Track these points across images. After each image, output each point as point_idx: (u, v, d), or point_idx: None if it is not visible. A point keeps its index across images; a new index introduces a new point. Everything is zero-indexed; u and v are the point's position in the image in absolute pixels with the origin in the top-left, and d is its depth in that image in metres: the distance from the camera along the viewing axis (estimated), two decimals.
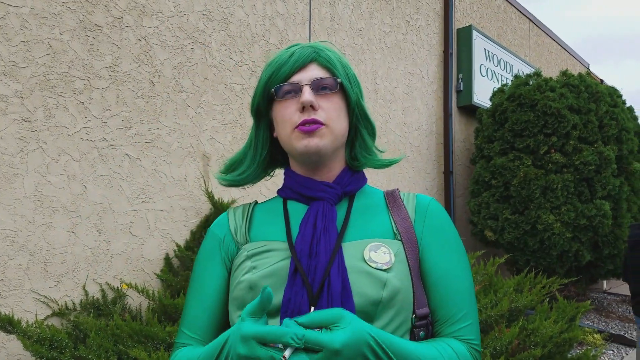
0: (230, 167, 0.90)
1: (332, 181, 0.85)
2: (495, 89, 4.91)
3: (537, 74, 4.61)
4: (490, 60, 5.44)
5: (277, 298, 0.75)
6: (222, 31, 2.92)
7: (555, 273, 4.36)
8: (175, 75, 2.65)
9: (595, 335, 3.86)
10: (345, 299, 0.73)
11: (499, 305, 2.26)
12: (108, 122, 2.36)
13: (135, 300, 2.38)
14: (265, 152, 0.89)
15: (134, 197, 2.45)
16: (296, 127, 0.79)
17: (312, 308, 0.72)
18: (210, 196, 2.67)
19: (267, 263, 0.78)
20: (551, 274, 4.36)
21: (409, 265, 0.79)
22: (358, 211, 0.85)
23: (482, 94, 5.27)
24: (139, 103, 2.49)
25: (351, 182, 0.87)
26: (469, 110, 5.31)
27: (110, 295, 2.30)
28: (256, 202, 0.95)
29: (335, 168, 0.86)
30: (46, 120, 2.15)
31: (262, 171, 0.91)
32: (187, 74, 2.72)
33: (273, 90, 0.81)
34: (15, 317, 1.81)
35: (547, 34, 7.24)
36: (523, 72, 5.91)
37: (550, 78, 4.50)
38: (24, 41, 2.09)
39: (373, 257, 0.76)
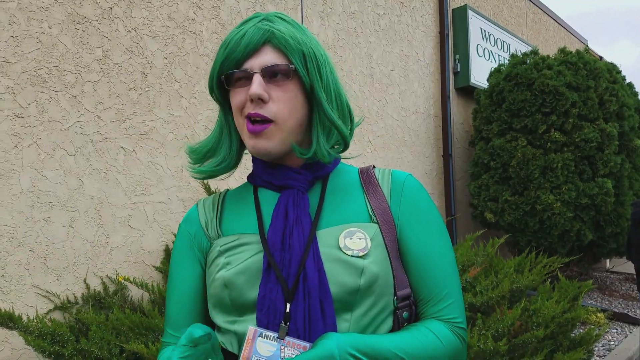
0: (205, 156, 0.83)
1: (301, 166, 0.81)
2: (492, 69, 4.87)
3: (534, 52, 4.56)
4: (487, 40, 5.39)
5: (253, 294, 0.74)
6: (212, 19, 2.89)
7: (557, 253, 4.36)
8: (167, 65, 2.63)
9: (598, 315, 3.87)
10: (322, 292, 0.71)
11: (500, 286, 2.26)
12: (101, 115, 2.35)
13: (136, 292, 2.39)
14: (238, 135, 0.84)
15: (131, 189, 2.45)
16: (246, 121, 0.75)
17: (288, 305, 0.71)
18: (207, 187, 2.66)
19: (241, 258, 0.76)
20: (553, 254, 4.36)
21: (387, 248, 0.77)
22: (332, 194, 0.82)
23: (480, 75, 5.22)
24: (132, 95, 2.47)
25: (322, 165, 0.82)
26: (467, 91, 5.27)
27: (112, 288, 2.31)
28: (227, 191, 0.91)
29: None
30: (39, 116, 2.14)
31: (239, 156, 0.85)
32: (179, 64, 2.69)
33: (223, 78, 0.76)
34: (17, 313, 1.82)
35: (545, 12, 7.16)
36: (520, 51, 5.85)
37: (548, 56, 4.46)
38: (12, 36, 2.07)
39: (348, 244, 0.74)
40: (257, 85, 0.72)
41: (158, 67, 2.59)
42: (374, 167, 0.88)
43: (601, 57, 8.95)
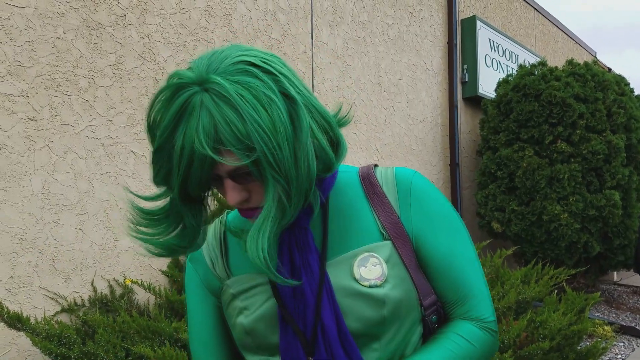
0: (167, 227, 0.70)
1: None
2: (500, 80, 4.88)
3: (542, 64, 4.57)
4: (495, 51, 5.40)
5: (276, 338, 0.73)
6: (224, 27, 2.92)
7: (563, 264, 4.34)
8: None
9: (605, 327, 3.83)
10: (343, 339, 0.70)
11: (506, 297, 2.25)
12: (113, 119, 2.38)
13: (142, 296, 2.40)
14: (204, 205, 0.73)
15: (140, 193, 2.47)
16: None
17: (311, 359, 0.70)
18: (214, 192, 2.68)
19: (256, 303, 0.74)
20: (559, 265, 4.34)
21: (404, 264, 0.74)
22: (336, 217, 0.76)
23: (488, 85, 5.23)
24: (144, 100, 2.50)
25: (320, 191, 0.75)
26: (475, 101, 5.28)
27: (119, 291, 2.33)
28: (226, 219, 0.85)
29: None
30: (52, 119, 2.17)
31: (203, 231, 0.73)
32: None
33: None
34: (25, 314, 1.83)
35: (553, 23, 7.17)
36: (528, 62, 5.86)
37: (556, 67, 4.46)
38: (28, 41, 2.10)
39: (364, 273, 0.71)
40: (232, 192, 0.65)
41: (170, 73, 2.62)
42: (376, 166, 0.82)
43: (610, 69, 8.94)
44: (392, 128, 4.19)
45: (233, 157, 0.61)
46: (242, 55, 0.63)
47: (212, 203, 2.78)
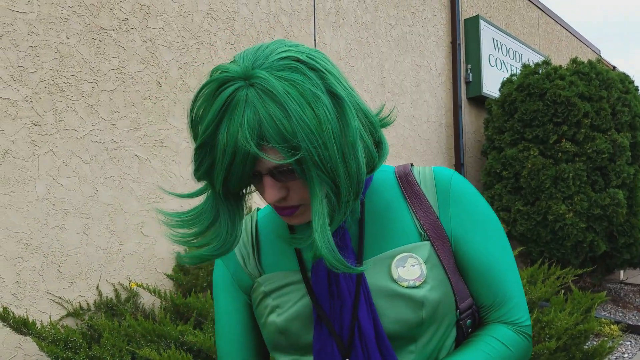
0: (205, 237, 0.68)
1: None
2: (504, 79, 4.86)
3: (546, 63, 4.55)
4: (499, 50, 5.38)
5: (310, 337, 0.71)
6: (226, 30, 2.92)
7: (569, 264, 4.32)
8: (181, 75, 2.67)
9: (612, 327, 3.81)
10: (380, 343, 0.68)
11: None
12: (117, 123, 2.39)
13: (148, 300, 2.41)
14: (242, 208, 0.72)
15: (144, 197, 2.47)
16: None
17: None
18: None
19: (289, 301, 0.73)
20: (566, 265, 4.32)
21: (443, 266, 0.73)
22: (373, 217, 0.75)
23: (492, 85, 5.21)
24: (147, 104, 2.51)
25: None
26: (479, 101, 5.26)
27: (124, 295, 2.33)
28: (257, 216, 0.84)
29: None
30: (56, 124, 2.17)
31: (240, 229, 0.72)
32: (194, 73, 2.73)
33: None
34: (31, 318, 1.84)
35: (557, 22, 7.14)
36: (532, 61, 5.84)
37: (560, 66, 4.44)
38: (32, 46, 2.11)
39: (402, 274, 0.70)
40: (270, 190, 0.63)
41: (173, 77, 2.63)
42: (412, 165, 0.80)
43: (614, 67, 8.89)
44: (396, 129, 4.18)
45: (276, 155, 0.59)
46: (288, 50, 0.61)
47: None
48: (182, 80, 2.67)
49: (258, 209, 0.85)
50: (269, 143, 0.58)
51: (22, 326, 1.78)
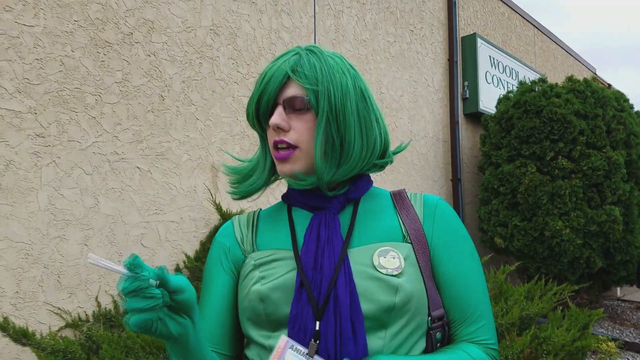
0: (245, 178, 0.89)
1: (334, 189, 0.84)
2: (501, 96, 4.92)
3: (543, 80, 4.61)
4: (495, 67, 5.45)
5: (287, 309, 0.75)
6: (229, 45, 2.97)
7: (566, 280, 4.33)
8: (184, 89, 2.70)
9: (609, 344, 3.81)
10: (354, 312, 0.72)
11: (510, 313, 2.25)
12: (119, 136, 2.41)
13: None
14: (271, 159, 0.89)
15: (144, 209, 2.49)
16: (273, 146, 0.80)
17: (318, 323, 0.72)
18: (218, 207, 2.70)
19: (275, 274, 0.78)
20: (562, 281, 4.33)
21: (420, 268, 0.78)
22: (364, 215, 0.84)
23: (488, 101, 5.27)
24: (149, 117, 2.54)
25: (354, 188, 0.85)
26: (476, 117, 5.32)
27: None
28: (260, 210, 0.94)
29: None
30: (59, 135, 2.20)
31: (269, 179, 0.90)
32: (196, 87, 2.76)
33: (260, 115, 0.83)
34: (30, 329, 1.84)
35: (553, 40, 7.25)
36: (529, 79, 5.91)
37: (556, 84, 4.51)
38: (37, 59, 2.14)
39: (382, 262, 0.76)
40: (277, 115, 0.78)
41: (175, 91, 2.66)
42: (406, 190, 0.91)
43: (609, 85, 9.00)
44: (394, 143, 4.22)
45: (300, 88, 0.78)
46: (339, 54, 0.84)
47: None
48: (184, 94, 2.70)
49: (261, 209, 0.95)
50: (298, 76, 0.77)
51: (22, 336, 1.78)
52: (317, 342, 0.71)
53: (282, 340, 0.71)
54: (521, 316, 2.33)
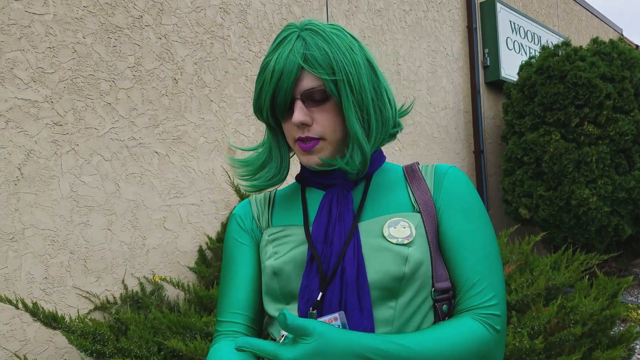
0: (258, 170, 0.87)
1: None
2: (523, 62, 4.77)
3: (566, 44, 4.44)
4: (516, 33, 5.28)
5: (299, 283, 0.77)
6: (239, 23, 2.93)
7: (594, 249, 4.24)
8: (197, 70, 2.69)
9: (639, 312, 3.74)
10: (360, 284, 0.73)
11: (536, 284, 2.21)
12: (135, 121, 2.42)
13: (172, 292, 2.45)
14: (290, 151, 0.89)
15: (165, 192, 2.51)
16: (296, 140, 0.79)
17: (320, 294, 0.74)
18: (237, 189, 2.71)
19: (287, 248, 0.81)
20: (590, 250, 4.24)
21: (428, 239, 0.78)
22: (375, 190, 0.85)
23: (510, 68, 5.12)
24: (164, 101, 2.54)
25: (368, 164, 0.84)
26: (497, 85, 5.18)
27: (149, 288, 2.38)
28: (276, 190, 0.96)
29: None
30: (76, 123, 2.22)
31: (288, 171, 0.89)
32: (209, 68, 2.75)
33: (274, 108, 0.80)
34: (60, 313, 1.89)
35: (576, 1, 6.96)
36: (552, 43, 5.71)
37: (580, 47, 4.34)
38: (49, 47, 2.15)
39: (392, 232, 0.76)
40: (298, 112, 0.76)
41: (188, 73, 2.65)
42: (418, 163, 0.89)
43: (637, 46, 8.64)
44: (412, 117, 4.14)
45: (315, 78, 0.75)
46: (336, 24, 0.81)
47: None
48: (197, 76, 2.69)
49: (277, 189, 0.97)
50: (310, 66, 0.74)
51: (52, 320, 1.83)
52: (315, 311, 0.73)
53: (281, 336, 0.72)
54: (547, 286, 2.30)
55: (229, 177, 2.79)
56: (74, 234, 2.18)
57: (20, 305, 1.76)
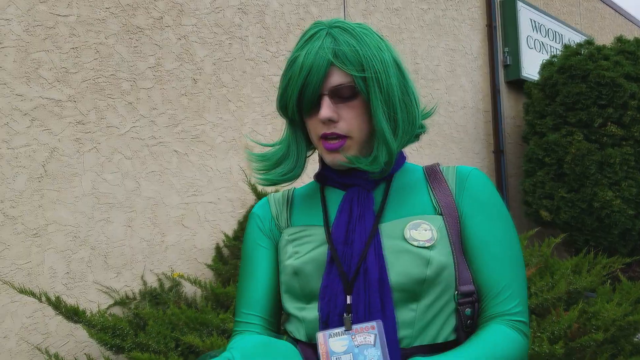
0: (275, 165, 0.86)
1: None
2: (544, 61, 4.69)
3: (589, 43, 4.36)
4: (537, 31, 5.20)
5: (319, 282, 0.77)
6: (257, 24, 2.95)
7: (617, 253, 4.15)
8: (215, 71, 2.72)
9: None
10: (382, 285, 0.73)
11: (556, 287, 2.18)
12: (156, 120, 2.46)
13: (189, 289, 2.48)
14: (307, 149, 0.88)
15: (183, 190, 2.54)
16: (320, 138, 0.79)
17: (349, 297, 0.74)
18: (253, 188, 2.73)
19: (307, 248, 0.81)
20: (613, 253, 4.14)
21: (450, 242, 0.77)
22: (397, 191, 0.84)
23: (531, 67, 5.04)
24: (183, 101, 2.57)
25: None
26: (518, 85, 5.10)
27: (167, 285, 2.42)
28: (294, 188, 0.96)
29: None
30: (98, 122, 2.26)
31: (304, 168, 0.88)
32: (227, 69, 2.77)
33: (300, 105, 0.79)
34: (81, 307, 1.93)
35: None
36: (574, 42, 5.61)
37: (604, 46, 4.25)
38: (73, 48, 2.20)
39: (414, 235, 0.76)
40: (326, 108, 0.75)
41: (207, 73, 2.68)
42: (439, 164, 0.88)
43: None
44: (431, 116, 4.11)
45: (344, 75, 0.75)
46: (363, 24, 0.81)
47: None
48: (215, 75, 2.72)
49: (294, 188, 0.97)
50: (340, 62, 0.74)
51: (73, 314, 1.87)
52: (350, 315, 0.73)
53: (320, 337, 0.72)
54: (568, 290, 2.26)
55: (246, 176, 2.82)
56: (95, 231, 2.22)
57: (43, 298, 1.81)
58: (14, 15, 2.04)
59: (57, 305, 1.84)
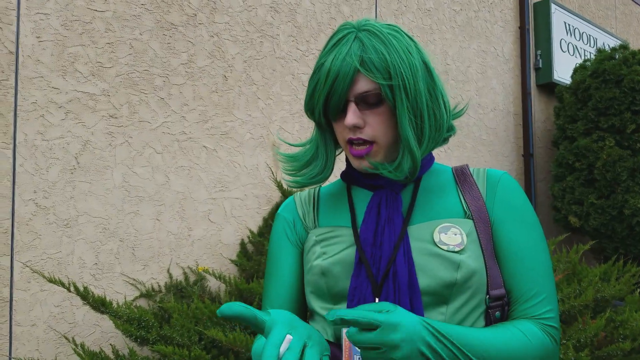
0: (304, 167, 0.87)
1: None
2: (577, 65, 4.58)
3: (624, 47, 4.23)
4: (571, 35, 5.08)
5: (347, 283, 0.77)
6: (289, 22, 2.96)
7: None
8: (246, 68, 2.74)
9: None
10: (411, 288, 0.73)
11: (583, 295, 2.13)
12: (186, 116, 2.49)
13: (214, 283, 2.51)
14: (336, 150, 0.88)
15: (211, 186, 2.57)
16: (347, 142, 0.79)
17: (377, 299, 0.74)
18: (279, 185, 2.74)
19: (335, 249, 0.81)
20: None
21: (481, 246, 0.77)
22: (425, 193, 0.84)
23: (563, 71, 4.93)
24: (214, 97, 2.60)
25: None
26: (549, 88, 5.00)
27: (192, 278, 2.45)
28: (320, 187, 0.96)
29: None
30: (131, 116, 2.31)
31: (332, 171, 0.88)
32: (257, 67, 2.79)
33: (327, 109, 0.79)
34: (108, 298, 1.98)
35: (636, 2, 6.62)
36: (608, 46, 5.46)
37: (639, 50, 4.13)
38: (108, 43, 2.25)
39: (444, 239, 0.76)
40: (352, 114, 0.75)
41: (238, 71, 2.70)
42: (468, 166, 0.88)
43: None
44: (460, 118, 4.06)
45: (370, 82, 0.74)
46: (392, 24, 0.79)
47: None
48: (246, 73, 2.74)
49: (320, 186, 0.97)
50: (368, 70, 0.73)
51: (100, 305, 1.91)
52: None
53: (346, 338, 0.72)
54: (596, 298, 2.21)
55: (272, 173, 2.83)
56: (124, 223, 2.27)
57: (72, 288, 1.85)
58: (53, 10, 2.09)
59: (85, 295, 1.89)
